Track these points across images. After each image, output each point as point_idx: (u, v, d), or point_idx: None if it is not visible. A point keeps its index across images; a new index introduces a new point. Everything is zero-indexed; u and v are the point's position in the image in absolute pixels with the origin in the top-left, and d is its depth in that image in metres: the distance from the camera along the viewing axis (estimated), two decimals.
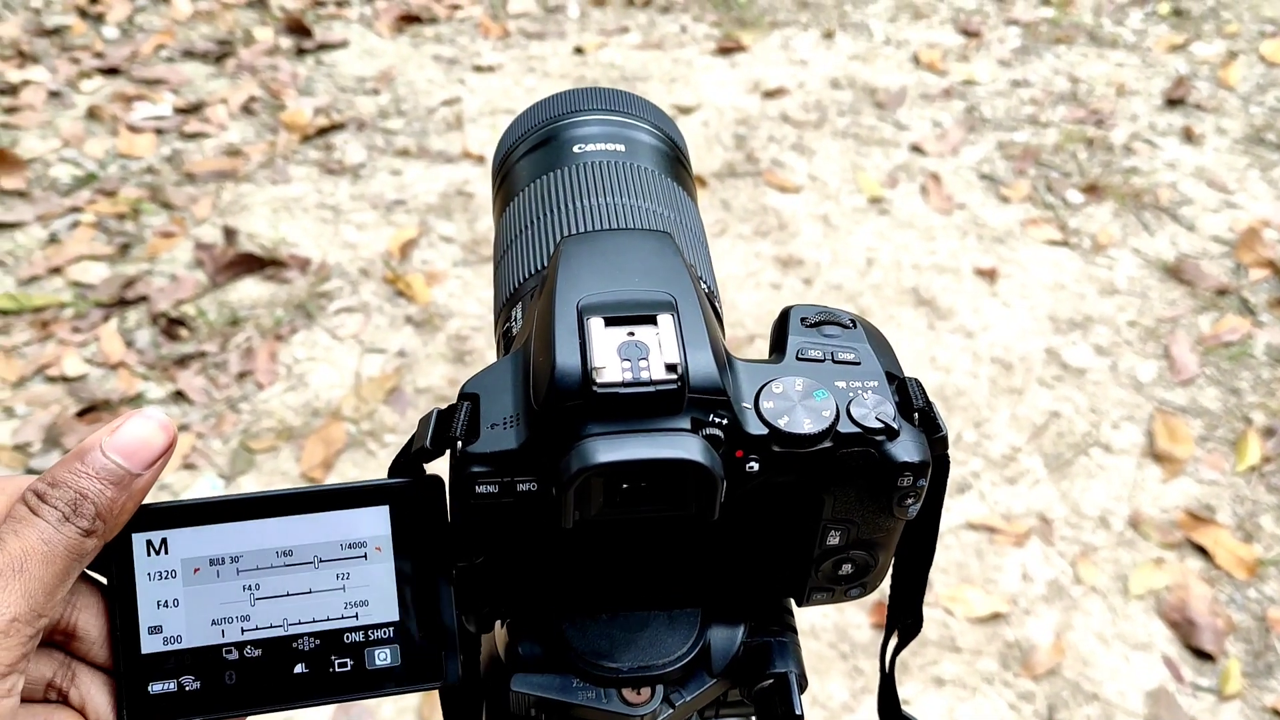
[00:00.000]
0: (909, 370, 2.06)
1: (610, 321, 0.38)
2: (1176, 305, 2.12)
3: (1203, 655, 1.55)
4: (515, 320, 0.48)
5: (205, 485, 1.74)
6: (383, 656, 0.41)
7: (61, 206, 2.26)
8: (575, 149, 0.54)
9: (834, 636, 1.55)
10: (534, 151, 0.55)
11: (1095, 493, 1.77)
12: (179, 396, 1.87)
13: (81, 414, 1.82)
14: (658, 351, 0.38)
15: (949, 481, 1.83)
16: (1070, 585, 1.63)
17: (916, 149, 2.53)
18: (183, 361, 1.94)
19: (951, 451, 1.83)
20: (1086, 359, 2.01)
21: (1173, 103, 2.68)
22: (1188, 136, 2.57)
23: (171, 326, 2.00)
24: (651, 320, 0.39)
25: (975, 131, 2.59)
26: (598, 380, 0.37)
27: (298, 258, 2.16)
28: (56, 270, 2.10)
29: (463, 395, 0.41)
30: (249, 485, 1.74)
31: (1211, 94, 2.71)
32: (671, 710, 0.45)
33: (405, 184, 2.39)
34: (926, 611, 1.57)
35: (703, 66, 2.82)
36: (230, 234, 2.20)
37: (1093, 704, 1.50)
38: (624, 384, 0.37)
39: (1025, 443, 1.85)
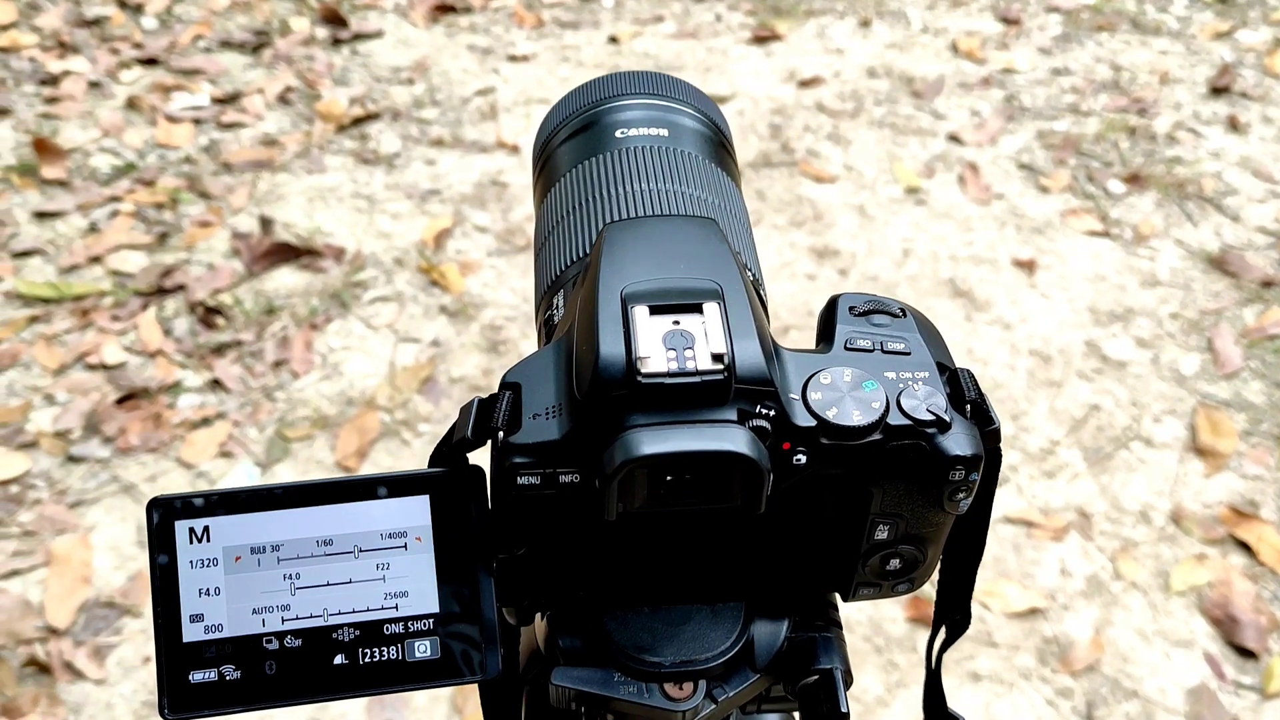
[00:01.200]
0: None
1: (655, 310, 0.38)
2: (1220, 297, 2.08)
3: (1245, 653, 1.52)
4: (557, 308, 0.47)
5: (242, 474, 1.75)
6: (422, 649, 0.40)
7: (101, 196, 2.28)
8: (618, 134, 0.53)
9: (869, 630, 1.54)
10: (576, 136, 0.54)
11: (1136, 487, 1.74)
12: (216, 385, 1.89)
13: (120, 401, 1.84)
14: (704, 341, 0.37)
15: None
16: (1110, 581, 1.61)
17: (954, 139, 2.50)
18: (219, 350, 1.95)
19: None
20: (1127, 351, 1.98)
21: (1217, 91, 2.63)
22: (1232, 125, 2.52)
23: (209, 315, 2.01)
24: (697, 309, 0.38)
25: (1014, 121, 2.56)
26: (642, 370, 0.36)
27: (333, 247, 2.17)
28: (96, 259, 2.12)
29: (504, 385, 0.40)
30: (284, 474, 1.75)
31: (1257, 82, 2.66)
32: (714, 706, 0.44)
33: (440, 174, 2.40)
34: None
35: (738, 56, 2.80)
36: (266, 223, 2.21)
37: (1132, 701, 1.48)
38: (669, 374, 0.36)
39: (1064, 436, 1.82)
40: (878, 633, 1.54)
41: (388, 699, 1.48)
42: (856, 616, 1.56)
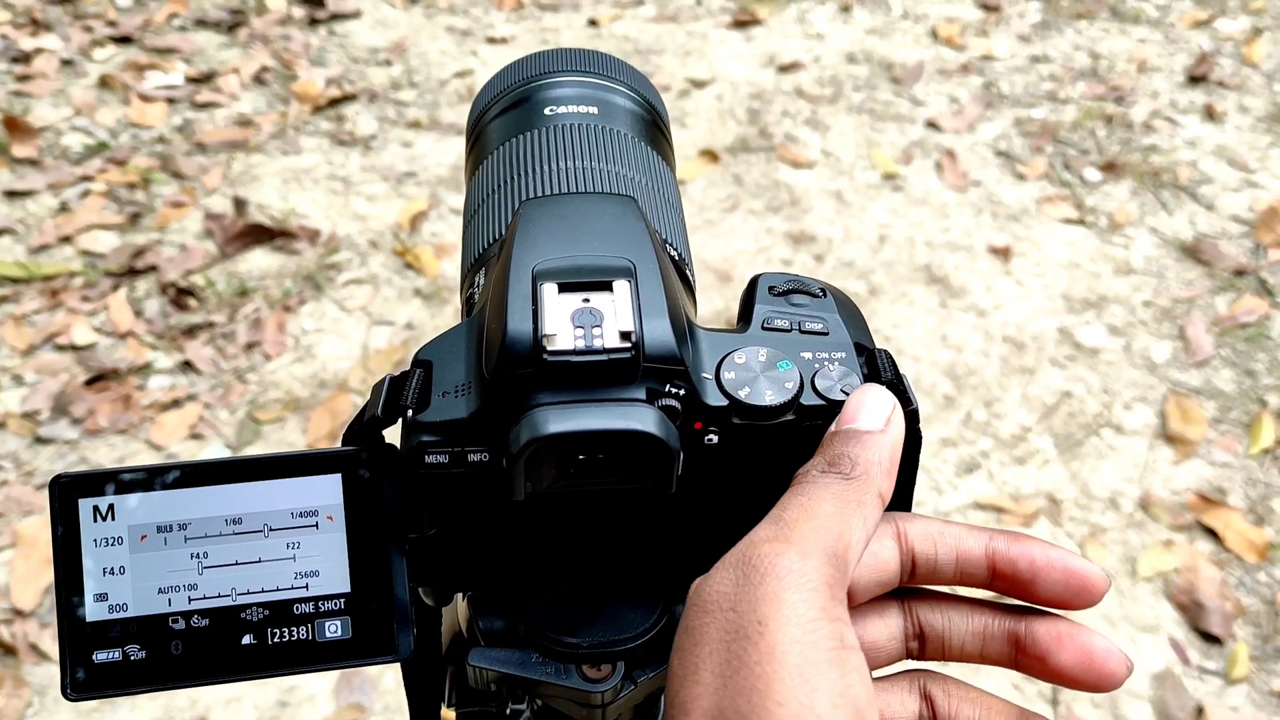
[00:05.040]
0: (920, 349, 2.01)
1: (564, 288, 0.37)
2: (1193, 285, 2.09)
3: (1210, 638, 1.53)
4: (478, 286, 0.47)
5: (212, 456, 1.75)
6: (333, 629, 0.40)
7: (72, 175, 2.26)
8: (547, 111, 0.52)
9: None
10: (506, 113, 0.54)
11: (1105, 474, 1.75)
12: (187, 366, 1.88)
13: (90, 382, 1.83)
14: (612, 319, 0.37)
15: (957, 460, 1.79)
16: None
17: (932, 125, 2.50)
18: (191, 331, 1.94)
19: (961, 431, 1.82)
20: (1100, 339, 1.98)
21: (1195, 80, 2.63)
22: (1209, 114, 2.52)
23: (180, 296, 2.00)
24: (607, 286, 0.37)
25: (992, 108, 2.56)
26: (548, 348, 0.36)
27: (307, 229, 2.16)
28: (67, 239, 2.10)
29: (416, 362, 0.40)
30: None
31: (1235, 71, 2.66)
32: (633, 687, 0.44)
33: (416, 156, 2.38)
34: None
35: (717, 40, 2.79)
36: (240, 204, 2.19)
37: None
38: (575, 352, 0.36)
39: (1036, 423, 1.83)
40: None
41: (356, 681, 1.48)
42: None
